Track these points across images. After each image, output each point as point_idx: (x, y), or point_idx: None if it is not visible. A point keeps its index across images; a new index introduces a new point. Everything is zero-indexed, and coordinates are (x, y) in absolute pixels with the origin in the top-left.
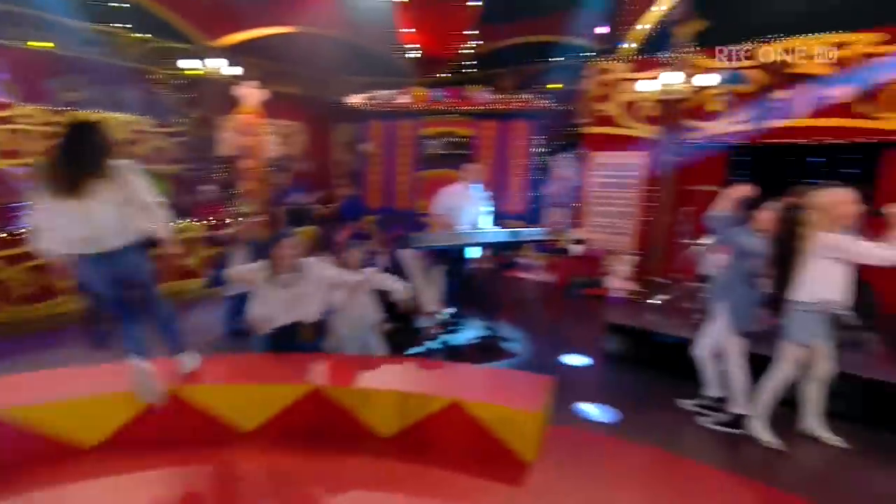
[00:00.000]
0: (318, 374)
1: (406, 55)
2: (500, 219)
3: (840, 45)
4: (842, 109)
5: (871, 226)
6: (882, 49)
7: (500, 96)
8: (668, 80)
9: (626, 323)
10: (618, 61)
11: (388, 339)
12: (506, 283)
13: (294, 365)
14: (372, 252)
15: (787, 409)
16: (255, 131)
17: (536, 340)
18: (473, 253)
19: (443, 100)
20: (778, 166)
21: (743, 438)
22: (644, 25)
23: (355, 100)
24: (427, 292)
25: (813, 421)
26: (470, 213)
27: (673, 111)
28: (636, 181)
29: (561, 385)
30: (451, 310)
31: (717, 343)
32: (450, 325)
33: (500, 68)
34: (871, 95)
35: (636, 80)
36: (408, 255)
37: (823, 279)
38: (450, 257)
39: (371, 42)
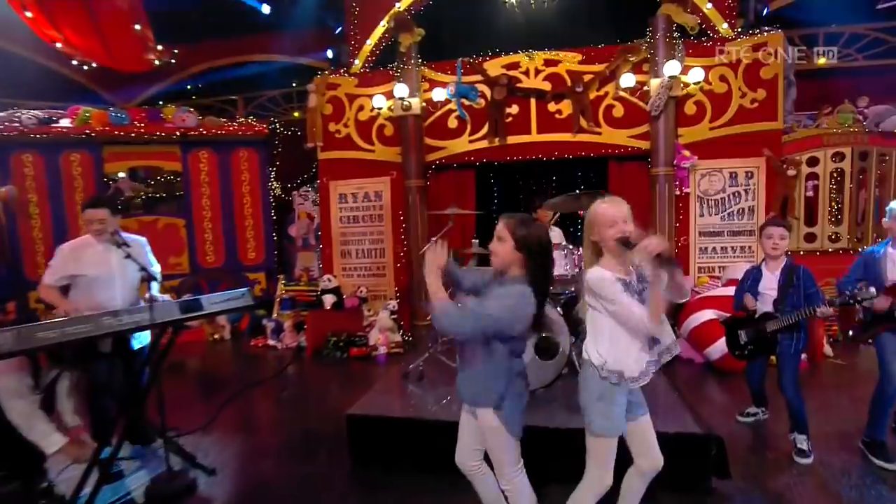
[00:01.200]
0: None
1: (78, 66)
2: (234, 271)
3: (549, 63)
4: (568, 125)
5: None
6: (582, 68)
7: (214, 119)
8: (400, 93)
9: (368, 412)
10: (346, 74)
11: None
12: (236, 358)
13: None
14: None
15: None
16: None
17: (259, 456)
18: (143, 339)
19: (129, 123)
20: (523, 183)
21: None
22: (371, 40)
23: None
24: (39, 423)
25: None
26: (116, 280)
27: (411, 129)
28: (383, 212)
29: None
30: (111, 440)
31: (482, 446)
32: (102, 469)
33: (224, 90)
34: (588, 113)
35: (368, 95)
36: None
37: (611, 338)
38: (88, 357)
39: (11, 45)
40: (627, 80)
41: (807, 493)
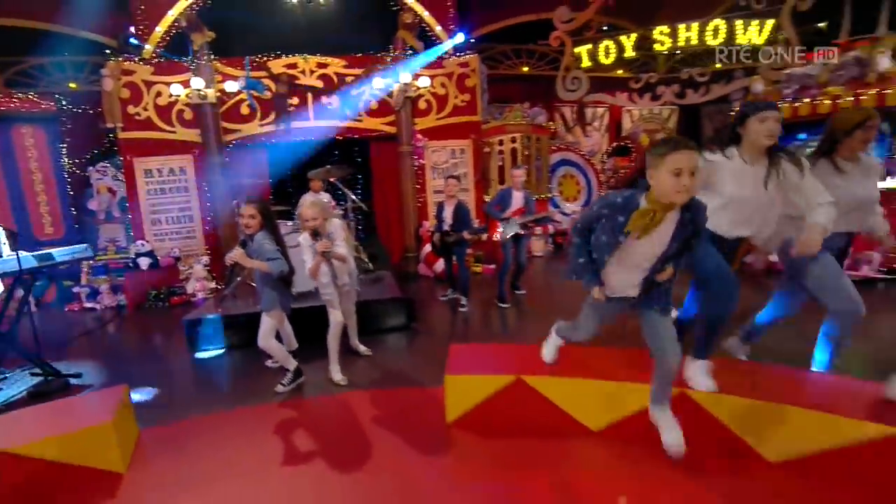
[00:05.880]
0: None
1: None
2: (31, 247)
3: (321, 65)
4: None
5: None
6: (346, 71)
7: None
8: (196, 85)
9: (201, 316)
10: (141, 62)
11: None
12: (64, 320)
13: None
14: None
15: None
16: None
17: (111, 362)
18: None
19: None
20: (308, 159)
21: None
22: (161, 28)
23: None
24: None
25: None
26: None
27: (209, 115)
28: (188, 184)
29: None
30: None
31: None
32: None
33: None
34: (354, 105)
35: (165, 83)
36: None
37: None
38: None
39: None
40: (378, 82)
41: (460, 321)
